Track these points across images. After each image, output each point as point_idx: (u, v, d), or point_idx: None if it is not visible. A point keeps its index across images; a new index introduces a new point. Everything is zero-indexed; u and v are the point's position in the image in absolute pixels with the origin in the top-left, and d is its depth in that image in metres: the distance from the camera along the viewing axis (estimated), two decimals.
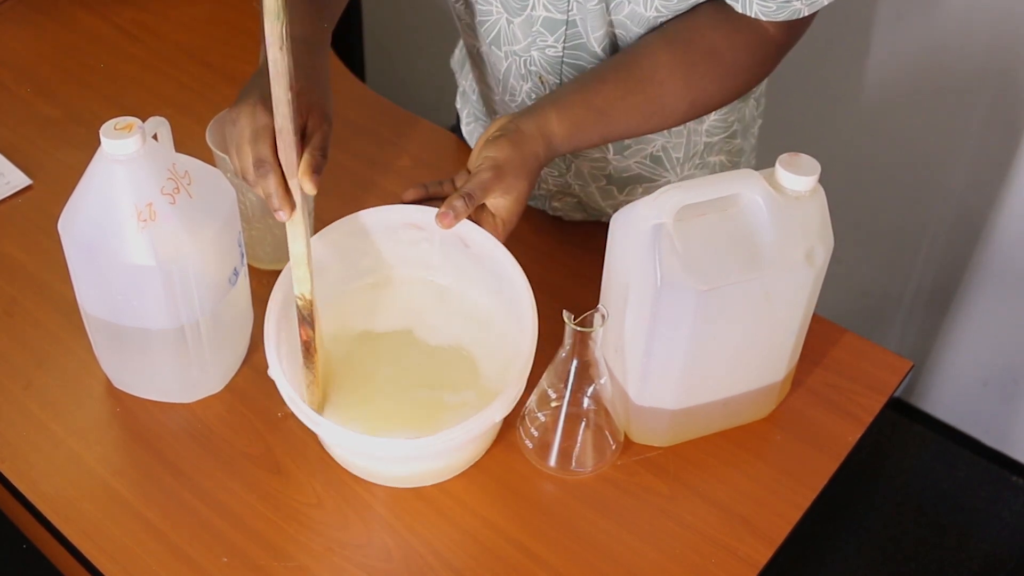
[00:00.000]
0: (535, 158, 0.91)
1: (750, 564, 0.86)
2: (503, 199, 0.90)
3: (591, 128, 0.93)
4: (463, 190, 0.88)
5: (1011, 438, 1.89)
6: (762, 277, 0.84)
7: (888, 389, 1.00)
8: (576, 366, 0.87)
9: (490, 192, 0.89)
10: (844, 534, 1.81)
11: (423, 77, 2.16)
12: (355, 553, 0.86)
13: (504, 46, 1.02)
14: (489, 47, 1.04)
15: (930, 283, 1.82)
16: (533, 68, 1.02)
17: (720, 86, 0.96)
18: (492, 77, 1.08)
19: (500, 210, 0.91)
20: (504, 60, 1.04)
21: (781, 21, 0.92)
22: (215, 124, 1.03)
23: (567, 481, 0.92)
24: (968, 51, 1.55)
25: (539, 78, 1.03)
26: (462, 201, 0.88)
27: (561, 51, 1.00)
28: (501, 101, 1.10)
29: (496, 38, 1.02)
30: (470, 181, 0.89)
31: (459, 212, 0.88)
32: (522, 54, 1.02)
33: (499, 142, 0.90)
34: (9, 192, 1.18)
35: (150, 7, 1.49)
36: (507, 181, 0.89)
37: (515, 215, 0.91)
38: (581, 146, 0.94)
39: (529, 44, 1.00)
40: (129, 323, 0.90)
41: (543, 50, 1.00)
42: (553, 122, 0.92)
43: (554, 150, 0.93)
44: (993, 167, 1.64)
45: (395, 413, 0.90)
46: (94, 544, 0.86)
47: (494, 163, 0.89)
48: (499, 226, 0.91)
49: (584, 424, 0.91)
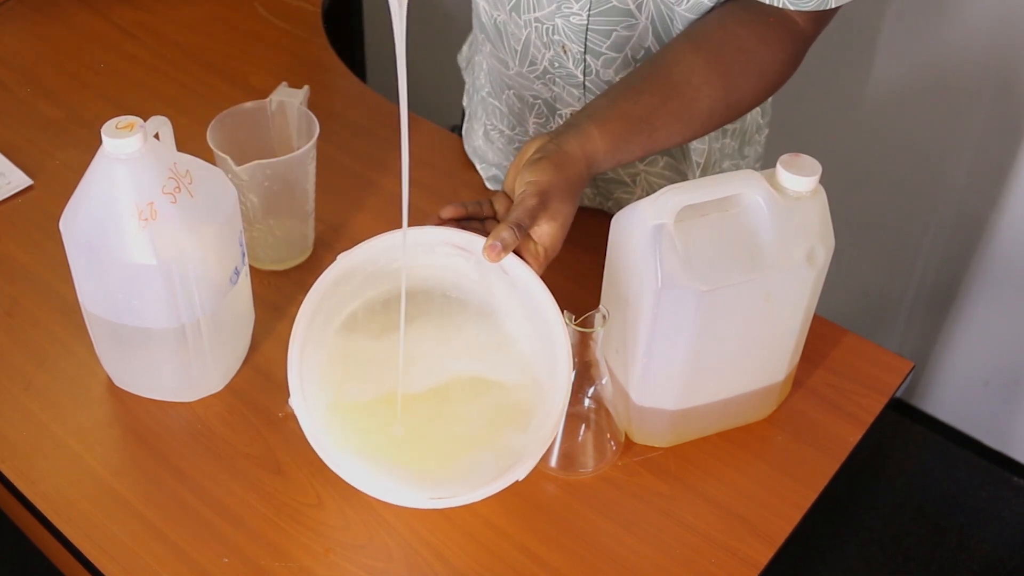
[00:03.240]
0: (580, 179, 0.87)
1: (751, 564, 0.86)
2: (547, 225, 0.85)
3: (634, 140, 0.90)
4: (511, 220, 0.83)
5: (1012, 439, 1.89)
6: (763, 278, 0.84)
7: (889, 390, 1.00)
8: (577, 366, 0.87)
9: (537, 220, 0.84)
10: (845, 535, 1.81)
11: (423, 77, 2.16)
12: (356, 553, 0.86)
13: (525, 13, 1.00)
14: (509, 14, 1.01)
15: (931, 284, 1.82)
16: (556, 37, 0.99)
17: (754, 85, 0.94)
18: (509, 49, 1.05)
19: (544, 237, 0.86)
20: (524, 29, 1.01)
21: (809, 12, 0.91)
22: (216, 124, 1.03)
23: (567, 481, 0.92)
24: (969, 52, 1.55)
25: (562, 47, 1.00)
26: (511, 232, 0.83)
27: (586, 19, 0.97)
28: (518, 74, 1.07)
29: (517, 4, 1.00)
30: (516, 209, 0.84)
31: (508, 244, 0.83)
32: (545, 21, 0.99)
33: (542, 165, 0.85)
34: (10, 192, 1.18)
35: (151, 7, 1.49)
36: (553, 207, 0.84)
37: (559, 241, 0.86)
38: (623, 160, 0.91)
39: (553, 11, 0.98)
40: (130, 322, 0.90)
41: (567, 17, 0.97)
42: (595, 139, 0.88)
43: (597, 167, 0.89)
44: (994, 167, 1.64)
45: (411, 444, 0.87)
46: (94, 544, 0.86)
47: (539, 188, 0.84)
48: (540, 254, 0.86)
49: (585, 425, 0.91)
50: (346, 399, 0.87)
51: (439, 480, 0.84)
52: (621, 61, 1.02)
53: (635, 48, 1.01)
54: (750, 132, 1.16)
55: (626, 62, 1.02)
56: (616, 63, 1.02)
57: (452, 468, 0.85)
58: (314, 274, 1.05)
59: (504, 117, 1.16)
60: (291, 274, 1.10)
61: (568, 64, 1.02)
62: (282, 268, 1.10)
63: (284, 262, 1.10)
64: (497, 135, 1.18)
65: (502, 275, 0.87)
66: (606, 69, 1.03)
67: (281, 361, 0.84)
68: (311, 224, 1.10)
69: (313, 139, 1.03)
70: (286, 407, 0.93)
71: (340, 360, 0.88)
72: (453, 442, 0.87)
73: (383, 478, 0.83)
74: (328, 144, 1.21)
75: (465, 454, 0.86)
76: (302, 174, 1.04)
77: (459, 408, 0.88)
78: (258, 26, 1.48)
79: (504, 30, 1.04)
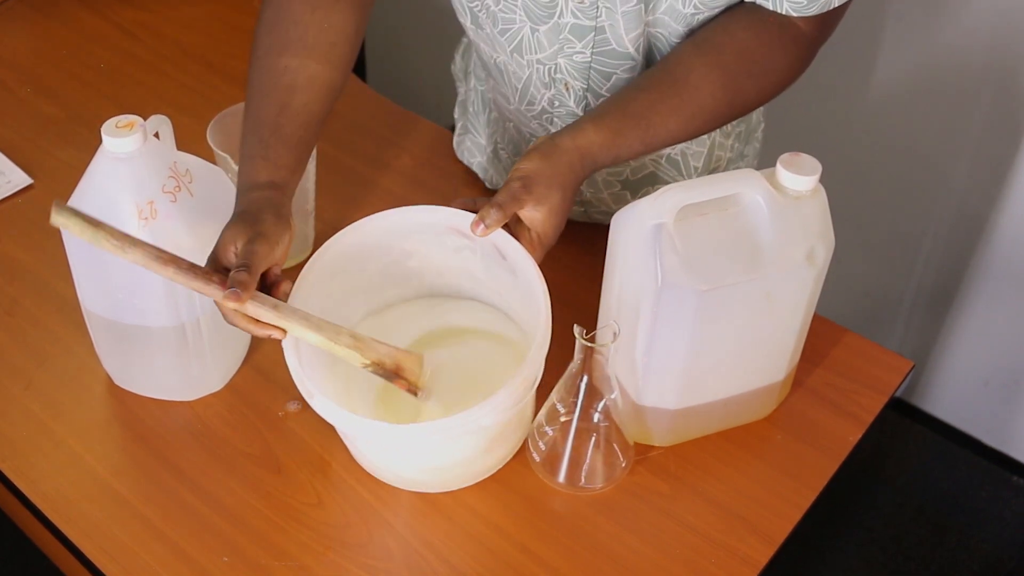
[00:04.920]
0: (569, 169, 0.88)
1: (751, 564, 0.86)
2: (536, 211, 0.87)
3: (631, 134, 0.91)
4: (493, 200, 0.87)
5: (1012, 438, 1.89)
6: (763, 277, 0.84)
7: (889, 389, 1.00)
8: (586, 381, 0.87)
9: (521, 203, 0.87)
10: (845, 534, 1.81)
11: (423, 77, 2.16)
12: (356, 552, 0.86)
13: (527, 55, 1.00)
14: (511, 56, 1.02)
15: (931, 283, 1.82)
16: (559, 76, 1.00)
17: (756, 85, 0.94)
18: (510, 87, 1.06)
19: (535, 223, 0.88)
20: (526, 69, 1.02)
21: (812, 16, 0.91)
22: (216, 123, 1.03)
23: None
24: (969, 51, 1.55)
25: (564, 85, 1.01)
26: (493, 210, 0.86)
27: (589, 56, 0.98)
28: (517, 110, 1.08)
29: (519, 46, 1.00)
30: (500, 193, 0.87)
31: (489, 222, 0.86)
32: (547, 62, 1.00)
33: (529, 155, 0.88)
34: (10, 191, 1.18)
35: (151, 7, 1.49)
36: (537, 192, 0.87)
37: (551, 227, 0.89)
38: (623, 155, 0.92)
39: (556, 52, 0.99)
40: (130, 321, 0.90)
41: (571, 57, 0.98)
42: (590, 132, 0.90)
43: (594, 160, 0.90)
44: (994, 167, 1.63)
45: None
46: (94, 543, 0.86)
47: (522, 174, 0.87)
48: (535, 240, 0.89)
49: (594, 440, 0.91)
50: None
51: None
52: None
53: None
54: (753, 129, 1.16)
55: None
56: None
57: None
58: None
59: (511, 142, 1.17)
60: (291, 273, 1.09)
61: (569, 102, 1.02)
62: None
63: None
64: (505, 156, 1.19)
65: (502, 261, 0.90)
66: None
67: (281, 360, 0.84)
68: (311, 223, 1.10)
69: None
70: (286, 406, 0.93)
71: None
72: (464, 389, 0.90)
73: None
74: (328, 143, 1.21)
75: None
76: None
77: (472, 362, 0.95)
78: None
79: (505, 70, 1.04)
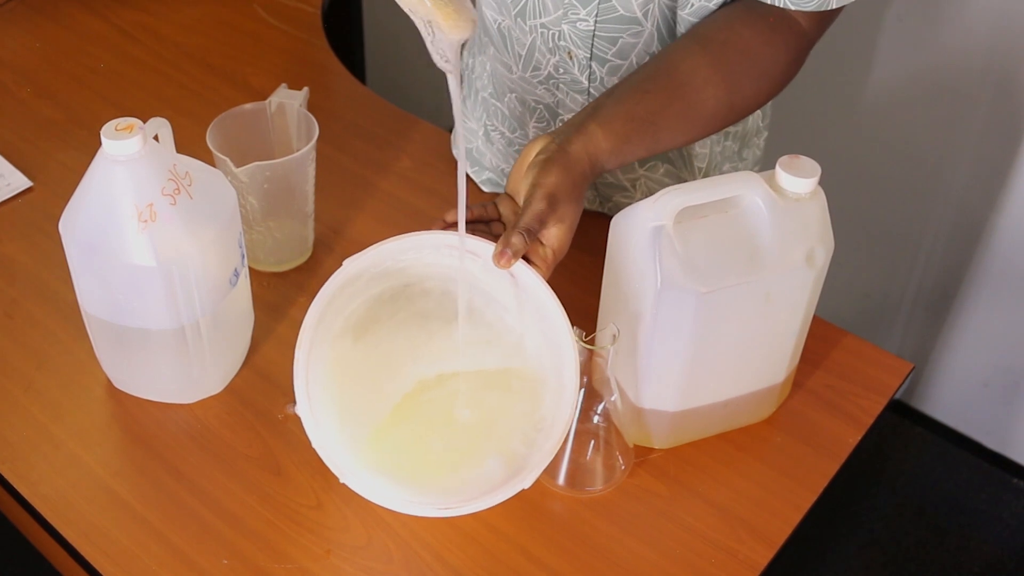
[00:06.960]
0: (583, 179, 0.87)
1: (750, 566, 0.86)
2: (556, 228, 0.85)
3: (637, 141, 0.90)
4: (521, 225, 0.83)
5: (1012, 440, 1.89)
6: (762, 279, 0.84)
7: (888, 391, 1.00)
8: (586, 384, 0.87)
9: (546, 224, 0.85)
10: (844, 536, 1.81)
11: (423, 78, 2.16)
12: (355, 555, 0.86)
13: (531, 19, 0.99)
14: (514, 19, 1.01)
15: (931, 285, 1.82)
16: (562, 43, 0.99)
17: (757, 86, 0.94)
18: (513, 54, 1.05)
19: (552, 239, 0.86)
20: (529, 34, 1.01)
21: (812, 12, 0.91)
22: (215, 125, 1.03)
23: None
24: (968, 53, 1.55)
25: (568, 53, 1.00)
26: (520, 238, 0.83)
27: (593, 25, 0.97)
28: (521, 78, 1.07)
29: (523, 10, 0.99)
30: (525, 214, 0.84)
31: (517, 251, 0.83)
32: (551, 27, 0.99)
33: (548, 167, 0.85)
34: (10, 194, 1.18)
35: (150, 8, 1.49)
36: (561, 209, 0.85)
37: (566, 243, 0.87)
38: (627, 160, 0.91)
39: (560, 17, 0.97)
40: (129, 323, 0.90)
41: (574, 24, 0.97)
42: (599, 139, 0.88)
43: (600, 167, 0.89)
44: (993, 169, 1.64)
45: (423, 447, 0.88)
46: (94, 546, 0.86)
47: (547, 192, 0.84)
48: (548, 256, 0.86)
49: (593, 442, 0.91)
50: (356, 406, 0.88)
51: (448, 488, 0.85)
52: (626, 68, 1.02)
53: (640, 55, 1.01)
54: (750, 135, 1.16)
55: (631, 69, 1.02)
56: (621, 70, 1.02)
57: (460, 477, 0.86)
58: (314, 276, 1.05)
59: (505, 119, 1.16)
60: (291, 276, 1.10)
61: (573, 70, 1.02)
62: (281, 270, 1.10)
63: (283, 264, 1.10)
64: (498, 136, 1.18)
65: (507, 276, 0.87)
66: (611, 76, 1.03)
67: (281, 362, 0.84)
68: (311, 226, 1.10)
69: (313, 141, 1.03)
70: (286, 409, 0.93)
71: (347, 366, 0.88)
72: (461, 451, 0.87)
73: (390, 487, 0.84)
74: (328, 145, 1.21)
75: (473, 463, 0.87)
76: (302, 176, 1.04)
77: (468, 408, 0.89)
78: (258, 27, 1.48)
79: (509, 35, 1.04)
